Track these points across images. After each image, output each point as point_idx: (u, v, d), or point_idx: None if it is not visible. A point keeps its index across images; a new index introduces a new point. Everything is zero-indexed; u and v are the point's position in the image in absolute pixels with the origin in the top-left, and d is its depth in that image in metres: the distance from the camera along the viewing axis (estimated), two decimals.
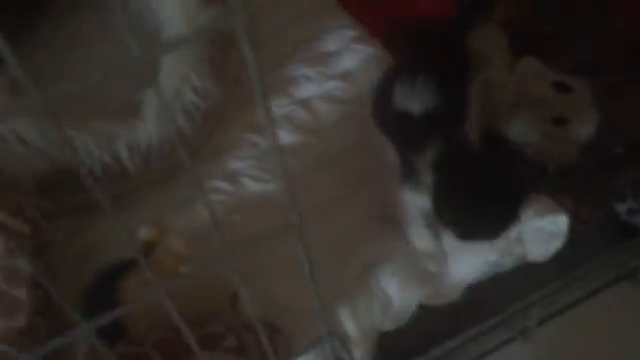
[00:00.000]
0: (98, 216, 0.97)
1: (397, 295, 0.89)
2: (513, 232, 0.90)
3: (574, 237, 0.92)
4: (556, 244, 0.92)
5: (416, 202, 0.90)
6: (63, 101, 0.28)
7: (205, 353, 0.68)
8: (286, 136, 1.08)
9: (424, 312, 0.89)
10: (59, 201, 0.89)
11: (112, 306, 0.73)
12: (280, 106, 1.13)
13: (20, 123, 0.85)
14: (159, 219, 0.90)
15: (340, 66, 1.16)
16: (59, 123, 0.31)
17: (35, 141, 0.85)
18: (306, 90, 1.15)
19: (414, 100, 0.89)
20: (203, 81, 0.92)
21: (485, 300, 0.89)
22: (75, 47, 1.11)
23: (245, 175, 1.05)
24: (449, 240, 0.91)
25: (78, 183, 0.92)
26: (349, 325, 0.85)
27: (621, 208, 0.95)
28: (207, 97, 0.94)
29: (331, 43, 1.20)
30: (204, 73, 0.92)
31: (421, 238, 0.93)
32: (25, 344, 0.80)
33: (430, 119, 0.89)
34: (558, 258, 0.93)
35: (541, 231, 0.92)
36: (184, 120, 0.93)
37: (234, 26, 0.29)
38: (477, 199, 0.84)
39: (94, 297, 0.75)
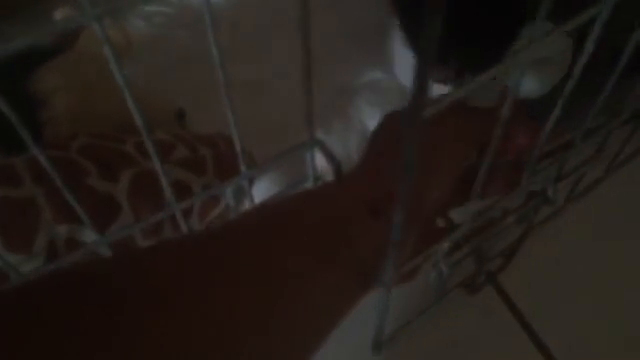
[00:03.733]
0: None
1: None
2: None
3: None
4: (550, 79, 0.80)
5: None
6: None
7: (149, 163, 0.53)
8: None
9: None
10: None
11: (26, 98, 0.57)
12: None
13: None
14: None
15: None
16: None
17: None
18: None
19: None
20: None
21: None
22: None
23: None
24: None
25: None
26: (318, 155, 0.72)
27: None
28: None
29: None
30: None
31: (406, 72, 0.79)
32: None
33: None
34: (553, 95, 0.81)
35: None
36: None
37: None
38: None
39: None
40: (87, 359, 0.19)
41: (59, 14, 0.63)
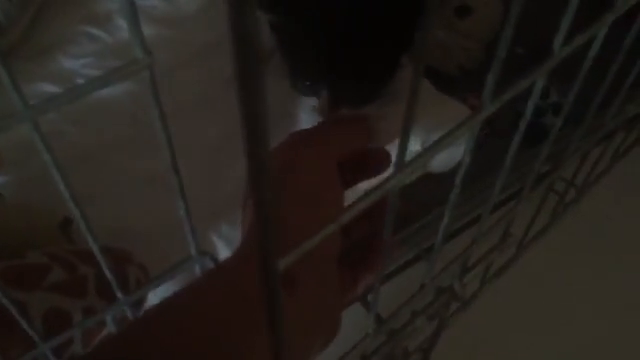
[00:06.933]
0: None
1: None
2: (416, 144, 0.77)
3: (478, 144, 0.81)
4: (459, 153, 0.80)
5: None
6: None
7: (17, 293, 0.47)
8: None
9: None
10: None
11: None
12: None
13: None
14: None
15: None
16: None
17: None
18: None
19: None
20: None
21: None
22: None
23: (82, 76, 0.82)
24: None
25: None
26: (223, 250, 0.68)
27: (527, 109, 0.86)
28: None
29: None
30: None
31: None
32: None
33: None
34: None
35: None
36: None
37: None
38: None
39: None
40: None
41: None
